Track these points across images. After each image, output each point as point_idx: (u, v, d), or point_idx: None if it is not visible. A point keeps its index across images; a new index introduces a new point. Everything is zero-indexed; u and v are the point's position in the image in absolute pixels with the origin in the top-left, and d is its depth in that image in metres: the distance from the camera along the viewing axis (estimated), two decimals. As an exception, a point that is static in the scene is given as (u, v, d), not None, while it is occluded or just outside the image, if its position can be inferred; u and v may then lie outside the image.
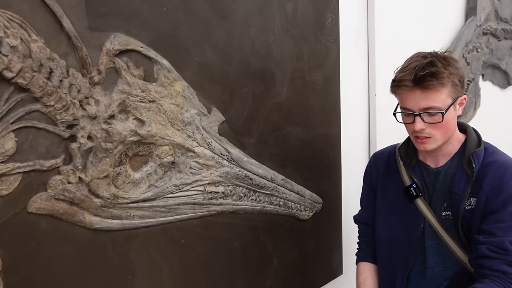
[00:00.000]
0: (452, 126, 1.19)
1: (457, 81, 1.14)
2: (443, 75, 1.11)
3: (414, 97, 1.14)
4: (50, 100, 0.94)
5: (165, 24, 1.14)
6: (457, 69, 1.15)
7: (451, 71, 1.13)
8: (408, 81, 1.13)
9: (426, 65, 1.12)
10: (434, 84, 1.11)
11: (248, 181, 1.39)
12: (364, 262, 1.44)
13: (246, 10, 1.34)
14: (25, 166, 0.92)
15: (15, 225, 0.92)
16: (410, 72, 1.13)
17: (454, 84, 1.14)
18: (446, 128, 1.17)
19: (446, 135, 1.19)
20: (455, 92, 1.16)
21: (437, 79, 1.11)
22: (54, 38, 0.94)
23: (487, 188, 1.14)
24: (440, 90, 1.12)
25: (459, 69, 1.16)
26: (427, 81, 1.11)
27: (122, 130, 1.06)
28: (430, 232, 1.25)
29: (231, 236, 1.37)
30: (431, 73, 1.10)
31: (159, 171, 1.17)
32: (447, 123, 1.16)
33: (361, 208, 1.50)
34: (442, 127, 1.16)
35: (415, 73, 1.12)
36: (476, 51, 2.63)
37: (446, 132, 1.18)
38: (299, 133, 1.58)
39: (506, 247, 1.09)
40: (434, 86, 1.11)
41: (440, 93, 1.13)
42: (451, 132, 1.20)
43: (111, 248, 1.08)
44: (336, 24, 1.70)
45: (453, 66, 1.14)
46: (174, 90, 1.17)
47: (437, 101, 1.13)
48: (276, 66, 1.46)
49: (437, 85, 1.11)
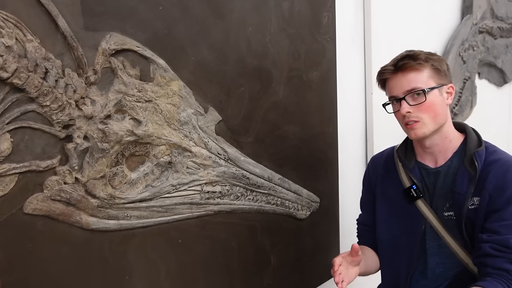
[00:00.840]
0: (440, 110, 1.19)
1: (438, 66, 1.20)
2: (420, 56, 1.18)
3: (396, 82, 1.20)
4: (45, 100, 0.93)
5: (161, 23, 1.13)
6: (439, 59, 1.22)
7: (429, 56, 1.20)
8: (389, 66, 1.22)
9: (405, 52, 1.23)
10: (411, 63, 1.18)
11: (245, 180, 1.39)
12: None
13: (242, 9, 1.34)
14: (21, 167, 0.91)
15: (11, 226, 0.91)
16: (391, 62, 1.23)
17: (435, 68, 1.19)
18: (433, 111, 1.18)
19: (435, 120, 1.19)
20: (439, 78, 1.19)
21: (414, 60, 1.18)
22: (49, 37, 0.94)
23: (490, 187, 1.14)
24: (419, 70, 1.18)
25: (442, 60, 1.23)
26: (405, 64, 1.18)
27: (119, 130, 1.06)
28: (431, 233, 1.25)
29: (228, 235, 1.37)
30: (408, 55, 1.20)
31: (156, 171, 1.16)
32: (433, 106, 1.17)
33: (361, 210, 1.50)
34: (429, 109, 1.17)
35: (395, 60, 1.22)
36: (472, 49, 2.63)
37: (435, 116, 1.19)
38: (296, 132, 1.58)
39: (509, 245, 1.09)
40: (411, 66, 1.18)
41: (420, 74, 1.18)
42: (441, 118, 1.20)
43: (108, 248, 1.08)
44: (332, 22, 1.70)
45: (434, 55, 1.21)
46: (171, 90, 1.16)
47: (419, 82, 1.18)
48: (272, 65, 1.45)
49: (414, 65, 1.17)
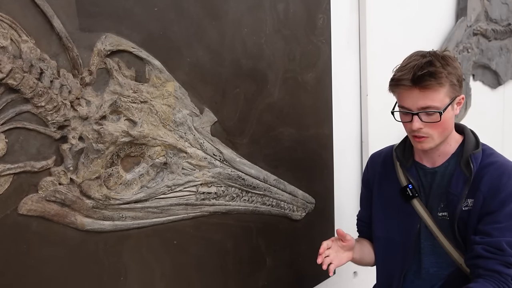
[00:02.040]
0: (449, 125, 1.19)
1: (455, 81, 1.14)
2: (442, 75, 1.10)
3: (412, 96, 1.13)
4: (40, 101, 0.93)
5: (156, 24, 1.14)
6: (456, 69, 1.14)
7: (449, 70, 1.12)
8: (406, 80, 1.12)
9: (424, 64, 1.11)
10: (432, 84, 1.10)
11: (240, 181, 1.39)
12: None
13: (237, 11, 1.34)
14: (15, 168, 0.91)
15: (6, 226, 0.91)
16: (408, 71, 1.12)
17: (452, 84, 1.14)
18: (443, 127, 1.16)
19: (443, 135, 1.18)
20: (453, 92, 1.15)
21: (435, 79, 1.10)
22: (44, 38, 0.94)
23: (484, 189, 1.15)
24: (439, 90, 1.12)
25: (457, 68, 1.15)
26: (425, 81, 1.10)
27: (114, 131, 1.06)
28: (426, 233, 1.25)
29: (223, 236, 1.37)
30: (429, 73, 1.10)
31: (151, 172, 1.16)
32: (445, 122, 1.15)
33: (360, 206, 1.52)
34: (440, 126, 1.15)
35: (413, 72, 1.11)
36: (466, 51, 2.65)
37: (443, 132, 1.18)
38: (292, 134, 1.58)
39: (502, 247, 1.09)
40: (432, 86, 1.11)
41: (439, 93, 1.12)
42: (449, 132, 1.20)
43: (103, 249, 1.08)
44: (327, 24, 1.71)
45: (452, 66, 1.14)
46: (166, 91, 1.16)
47: (436, 101, 1.12)
48: (268, 67, 1.46)
49: (435, 85, 1.11)
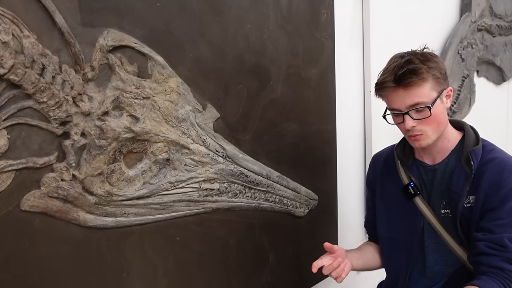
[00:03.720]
0: (442, 119, 1.19)
1: (438, 74, 1.15)
2: (422, 70, 1.13)
3: (398, 97, 1.16)
4: (42, 96, 0.93)
5: (159, 19, 1.13)
6: (436, 63, 1.16)
7: (429, 65, 1.14)
8: (389, 82, 1.15)
9: (404, 63, 1.14)
10: (414, 80, 1.13)
11: (243, 178, 1.38)
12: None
13: (240, 6, 1.33)
14: (17, 164, 0.91)
15: (8, 223, 0.91)
16: (390, 73, 1.15)
17: (436, 77, 1.15)
18: (436, 122, 1.17)
19: (438, 129, 1.19)
20: (439, 85, 1.16)
21: (416, 75, 1.12)
22: (46, 33, 0.93)
23: (485, 186, 1.14)
24: (422, 85, 1.14)
25: (439, 62, 1.17)
26: (407, 79, 1.12)
27: (116, 127, 1.05)
28: (430, 231, 1.25)
29: (226, 233, 1.37)
30: (409, 70, 1.12)
31: (153, 168, 1.16)
32: (437, 116, 1.16)
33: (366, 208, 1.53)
34: (433, 121, 1.16)
35: (394, 73, 1.14)
36: (471, 47, 2.63)
37: (438, 127, 1.18)
38: (295, 130, 1.58)
39: (504, 244, 1.09)
40: (415, 82, 1.13)
41: (423, 88, 1.14)
42: (443, 126, 1.20)
43: (105, 246, 1.08)
44: (331, 20, 1.70)
45: (432, 60, 1.16)
46: (169, 87, 1.16)
47: (422, 96, 1.14)
48: (271, 62, 1.45)
49: (417, 81, 1.13)
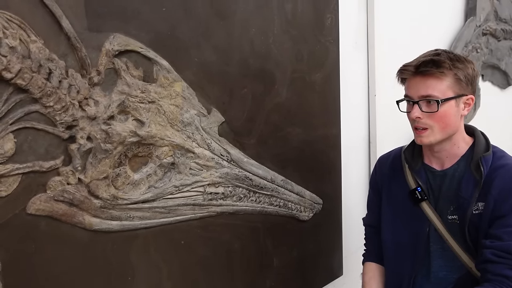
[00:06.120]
0: (452, 122, 1.17)
1: (461, 77, 1.14)
2: (445, 64, 1.12)
3: (415, 84, 1.17)
4: (49, 101, 0.93)
5: (164, 24, 1.14)
6: (465, 66, 1.15)
7: (455, 64, 1.13)
8: (411, 67, 1.16)
9: (432, 54, 1.15)
10: (433, 71, 1.13)
11: (248, 182, 1.39)
12: (369, 262, 1.43)
13: (245, 11, 1.34)
14: (24, 167, 0.91)
15: (15, 226, 0.91)
16: (416, 60, 1.18)
17: (457, 78, 1.14)
18: (444, 121, 1.15)
19: (445, 130, 1.17)
20: (459, 88, 1.15)
21: (437, 67, 1.12)
22: (53, 38, 0.94)
23: (495, 193, 1.13)
24: (440, 79, 1.13)
25: (469, 68, 1.15)
26: (427, 67, 1.13)
27: (122, 131, 1.06)
28: (435, 236, 1.23)
29: (231, 237, 1.37)
30: (432, 60, 1.13)
31: (158, 172, 1.16)
32: (445, 116, 1.15)
33: (367, 210, 1.49)
34: (440, 119, 1.15)
35: (418, 59, 1.16)
36: (475, 51, 2.62)
37: (445, 127, 1.16)
38: (299, 134, 1.58)
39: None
40: (433, 73, 1.13)
41: (440, 83, 1.13)
42: (451, 129, 1.18)
43: (110, 249, 1.08)
44: (335, 24, 1.70)
45: (460, 61, 1.14)
46: (174, 91, 1.16)
47: (436, 90, 1.13)
48: (275, 67, 1.45)
49: (436, 72, 1.13)
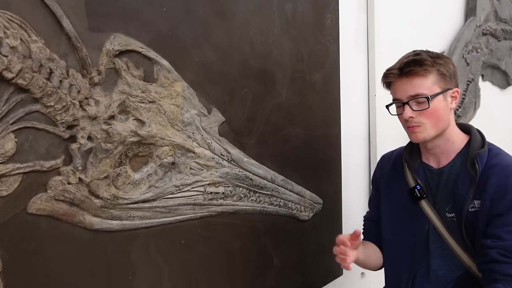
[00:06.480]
0: (443, 116, 1.19)
1: (444, 71, 1.18)
2: (427, 62, 1.16)
3: (401, 86, 1.19)
4: (50, 100, 0.94)
5: (165, 24, 1.14)
6: (445, 62, 1.19)
7: (436, 60, 1.17)
8: (395, 70, 1.20)
9: (412, 55, 1.20)
10: (417, 69, 1.16)
11: (248, 181, 1.39)
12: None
13: (245, 11, 1.34)
14: (25, 167, 0.92)
15: (15, 226, 0.92)
16: (398, 63, 1.22)
17: (441, 73, 1.17)
18: (436, 117, 1.17)
19: (437, 126, 1.19)
20: (443, 82, 1.18)
21: (420, 65, 1.16)
22: (54, 38, 0.94)
23: (491, 191, 1.13)
24: (425, 76, 1.16)
25: (449, 62, 1.20)
26: (410, 67, 1.16)
27: (122, 130, 1.06)
28: (434, 235, 1.24)
29: (231, 236, 1.37)
30: (414, 60, 1.17)
31: (159, 171, 1.17)
32: (436, 112, 1.17)
33: (368, 207, 1.51)
34: (431, 115, 1.17)
35: (400, 62, 1.19)
36: (475, 51, 2.63)
37: (437, 123, 1.18)
38: (299, 134, 1.58)
39: None
40: (417, 72, 1.16)
41: (425, 80, 1.17)
42: (443, 124, 1.20)
43: (111, 249, 1.08)
44: (336, 24, 1.70)
45: (441, 58, 1.19)
46: (174, 91, 1.17)
47: (423, 88, 1.16)
48: (276, 67, 1.46)
49: (420, 70, 1.16)
